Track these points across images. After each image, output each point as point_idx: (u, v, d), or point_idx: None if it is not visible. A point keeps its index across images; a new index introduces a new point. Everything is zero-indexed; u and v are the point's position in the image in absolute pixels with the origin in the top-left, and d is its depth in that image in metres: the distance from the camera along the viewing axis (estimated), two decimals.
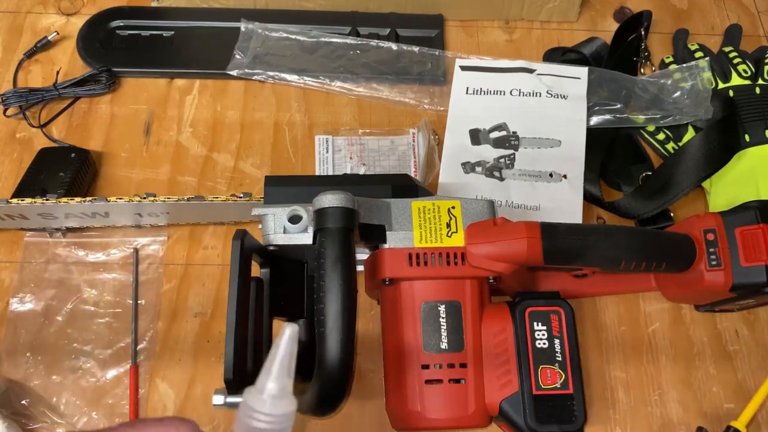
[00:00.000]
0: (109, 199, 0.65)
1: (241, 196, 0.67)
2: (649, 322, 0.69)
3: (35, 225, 0.68)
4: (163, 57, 0.82)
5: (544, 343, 0.56)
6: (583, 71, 0.78)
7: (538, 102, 0.76)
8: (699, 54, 0.81)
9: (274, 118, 0.79)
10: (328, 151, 0.75)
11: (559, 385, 0.55)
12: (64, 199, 0.65)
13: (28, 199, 0.64)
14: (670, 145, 0.77)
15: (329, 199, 0.51)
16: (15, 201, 0.64)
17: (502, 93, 0.77)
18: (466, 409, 0.54)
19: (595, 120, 0.76)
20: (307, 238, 0.55)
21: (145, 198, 0.65)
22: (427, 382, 0.54)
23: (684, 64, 0.79)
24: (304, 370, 0.50)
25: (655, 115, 0.76)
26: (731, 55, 0.80)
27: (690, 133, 0.76)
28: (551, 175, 0.73)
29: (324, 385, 0.48)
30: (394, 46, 0.82)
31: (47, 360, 0.65)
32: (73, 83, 0.77)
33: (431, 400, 0.54)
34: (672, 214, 0.73)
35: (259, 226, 0.56)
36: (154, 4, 0.85)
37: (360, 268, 0.60)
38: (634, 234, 0.60)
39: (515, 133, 0.75)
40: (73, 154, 0.71)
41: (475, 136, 0.75)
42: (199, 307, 0.68)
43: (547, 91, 0.77)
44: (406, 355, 0.55)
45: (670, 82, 0.78)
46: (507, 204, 0.71)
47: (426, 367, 0.55)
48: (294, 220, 0.55)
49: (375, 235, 0.56)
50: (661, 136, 0.77)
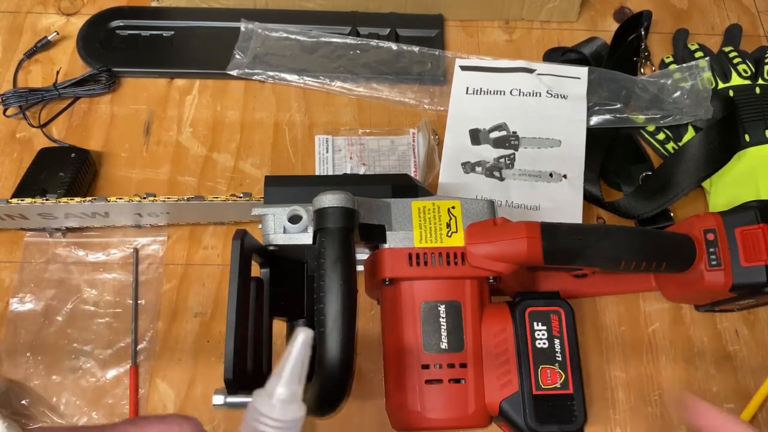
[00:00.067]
0: (109, 199, 0.65)
1: (241, 196, 0.67)
2: (649, 322, 0.69)
3: (35, 225, 0.68)
4: (163, 57, 0.82)
5: (544, 343, 0.56)
6: (583, 71, 0.78)
7: (538, 102, 0.76)
8: (699, 54, 0.81)
9: (274, 118, 0.79)
10: (328, 151, 0.75)
11: (559, 385, 0.55)
12: (64, 199, 0.65)
13: (28, 199, 0.64)
14: (670, 145, 0.77)
15: (329, 199, 0.51)
16: (15, 201, 0.64)
17: (502, 93, 0.77)
18: (466, 409, 0.54)
19: (595, 120, 0.76)
20: (307, 238, 0.55)
21: (145, 198, 0.65)
22: (427, 382, 0.54)
23: (684, 64, 0.79)
24: None
25: (655, 115, 0.76)
26: (731, 55, 0.80)
27: (690, 133, 0.76)
28: (551, 175, 0.73)
29: (324, 385, 0.48)
30: (394, 46, 0.82)
31: (47, 360, 0.65)
32: (73, 83, 0.77)
33: (431, 400, 0.54)
34: (672, 214, 0.73)
35: (259, 226, 0.56)
36: (154, 4, 0.85)
37: (360, 268, 0.60)
38: (634, 234, 0.60)
39: (515, 133, 0.75)
40: (73, 154, 0.71)
41: (475, 136, 0.75)
42: (199, 307, 0.68)
43: (547, 91, 0.77)
44: (406, 355, 0.55)
45: (670, 82, 0.78)
46: (507, 204, 0.71)
47: (426, 367, 0.54)
48: (294, 220, 0.55)
49: (375, 235, 0.56)
50: (661, 136, 0.77)
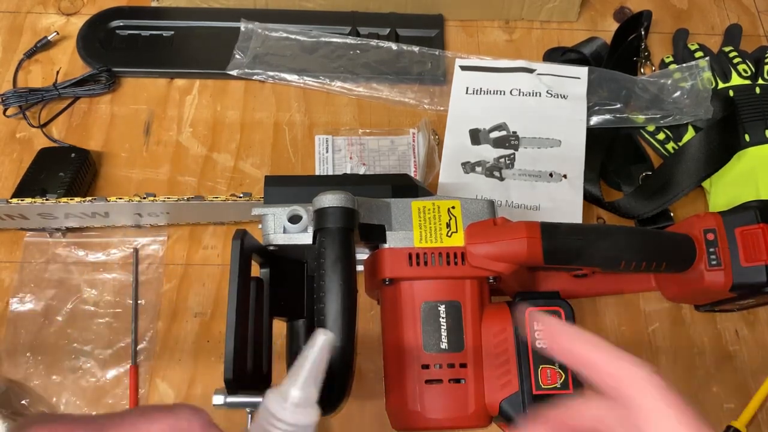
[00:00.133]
0: (109, 199, 0.65)
1: (241, 196, 0.67)
2: (649, 322, 0.69)
3: (35, 225, 0.68)
4: (163, 57, 0.82)
5: (544, 343, 0.56)
6: (583, 71, 0.78)
7: (538, 102, 0.76)
8: (699, 54, 0.81)
9: (274, 118, 0.79)
10: (328, 151, 0.75)
11: (559, 385, 0.55)
12: (64, 199, 0.65)
13: (28, 199, 0.64)
14: (670, 145, 0.77)
15: (329, 199, 0.51)
16: (15, 201, 0.64)
17: (502, 93, 0.77)
18: (466, 409, 0.54)
19: (595, 120, 0.76)
20: (307, 238, 0.55)
21: (145, 198, 0.65)
22: (427, 382, 0.54)
23: (684, 64, 0.79)
24: None
25: (655, 115, 0.76)
26: (731, 54, 0.80)
27: (690, 133, 0.76)
28: (551, 175, 0.73)
29: (324, 384, 0.48)
30: (394, 46, 0.82)
31: (47, 360, 0.65)
32: (73, 83, 0.77)
33: (431, 400, 0.54)
34: (672, 214, 0.73)
35: (259, 226, 0.56)
36: (154, 4, 0.85)
37: (360, 268, 0.60)
38: (634, 234, 0.60)
39: (515, 133, 0.75)
40: (73, 154, 0.71)
41: (475, 136, 0.75)
42: (199, 307, 0.68)
43: (547, 91, 0.77)
44: (406, 355, 0.55)
45: (670, 81, 0.78)
46: (507, 204, 0.71)
47: (426, 367, 0.54)
48: (294, 220, 0.55)
49: (375, 235, 0.56)
50: (661, 136, 0.77)
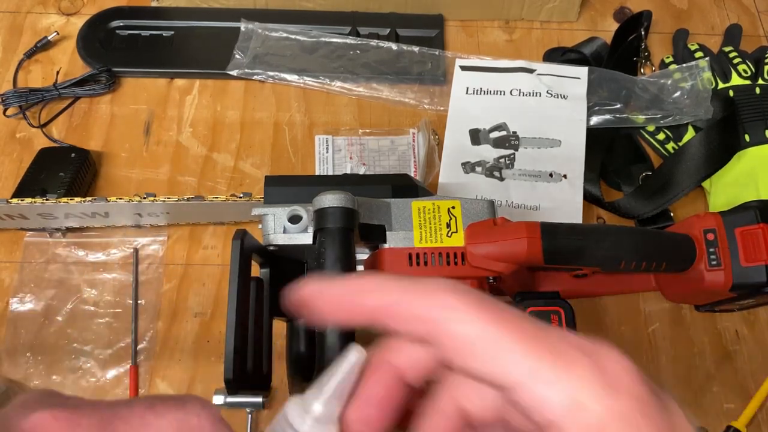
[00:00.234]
0: (109, 199, 0.65)
1: (241, 196, 0.67)
2: (649, 322, 0.69)
3: (35, 225, 0.68)
4: (163, 57, 0.82)
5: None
6: (583, 71, 0.78)
7: (538, 102, 0.76)
8: (699, 54, 0.81)
9: (274, 118, 0.79)
10: (328, 151, 0.75)
11: None
12: (64, 199, 0.65)
13: (28, 199, 0.64)
14: (670, 145, 0.77)
15: (329, 199, 0.51)
16: (15, 201, 0.64)
17: (502, 93, 0.77)
18: None
19: (595, 120, 0.76)
20: (307, 238, 0.55)
21: (145, 198, 0.65)
22: None
23: (684, 64, 0.79)
24: (304, 370, 0.50)
25: (655, 115, 0.76)
26: (731, 55, 0.80)
27: (690, 133, 0.76)
28: (551, 175, 0.73)
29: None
30: (394, 46, 0.82)
31: (47, 360, 0.65)
32: (73, 83, 0.77)
33: None
34: (672, 214, 0.73)
35: (259, 226, 0.56)
36: (154, 4, 0.85)
37: (360, 268, 0.60)
38: (634, 234, 0.60)
39: (515, 133, 0.75)
40: (73, 154, 0.71)
41: (475, 136, 0.75)
42: (199, 307, 0.68)
43: (547, 91, 0.77)
44: None
45: (670, 82, 0.78)
46: (507, 204, 0.71)
47: None
48: (294, 220, 0.55)
49: (375, 235, 0.56)
50: (661, 136, 0.77)
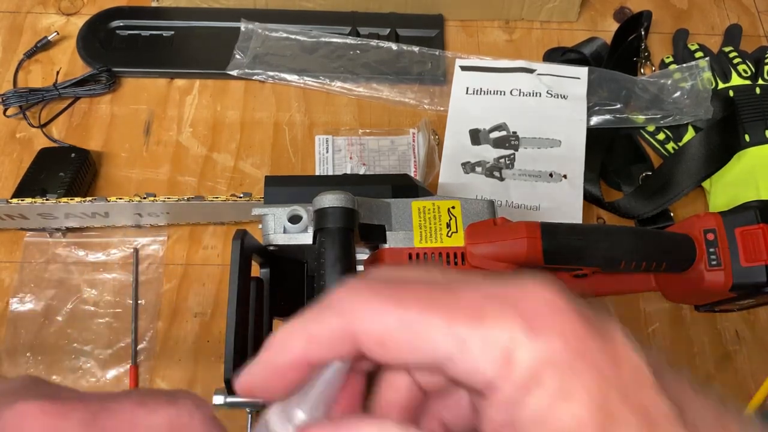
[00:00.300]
0: (109, 199, 0.65)
1: (241, 196, 0.67)
2: (649, 322, 0.69)
3: (35, 225, 0.68)
4: (163, 57, 0.82)
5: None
6: (583, 71, 0.78)
7: (538, 102, 0.76)
8: (699, 54, 0.81)
9: (274, 118, 0.79)
10: (328, 151, 0.75)
11: None
12: (64, 199, 0.65)
13: (28, 199, 0.64)
14: (670, 145, 0.77)
15: (329, 199, 0.51)
16: (15, 201, 0.64)
17: (502, 93, 0.77)
18: None
19: (595, 120, 0.76)
20: (307, 238, 0.55)
21: (145, 198, 0.65)
22: None
23: (684, 64, 0.79)
24: None
25: (655, 115, 0.76)
26: (731, 55, 0.80)
27: (690, 133, 0.76)
28: (551, 175, 0.73)
29: None
30: (394, 46, 0.82)
31: (47, 360, 0.65)
32: (73, 83, 0.77)
33: None
34: (672, 214, 0.73)
35: (259, 226, 0.56)
36: (154, 4, 0.85)
37: (360, 268, 0.60)
38: (634, 234, 0.60)
39: (515, 133, 0.75)
40: (73, 154, 0.71)
41: (475, 136, 0.75)
42: (199, 307, 0.68)
43: (547, 91, 0.77)
44: None
45: (670, 82, 0.78)
46: (507, 204, 0.71)
47: None
48: (294, 220, 0.55)
49: (375, 235, 0.56)
50: (661, 136, 0.77)
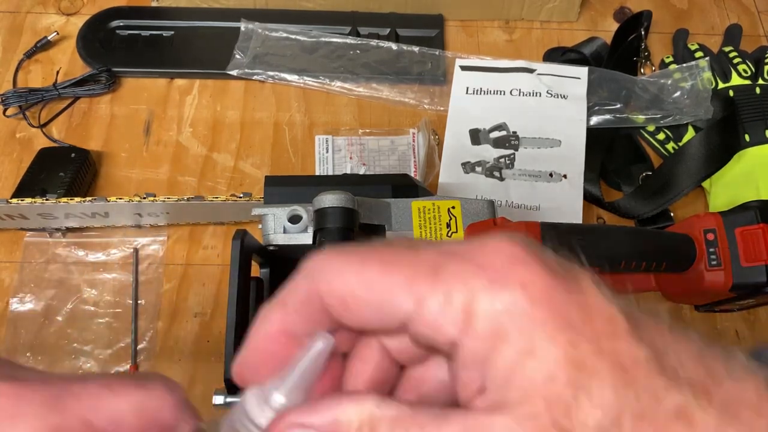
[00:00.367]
0: (109, 199, 0.65)
1: (241, 196, 0.67)
2: None
3: (35, 225, 0.68)
4: (163, 57, 0.82)
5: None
6: (583, 71, 0.78)
7: (538, 102, 0.76)
8: (699, 54, 0.81)
9: (274, 118, 0.79)
10: (328, 151, 0.75)
11: None
12: (64, 199, 0.65)
13: (28, 199, 0.64)
14: (670, 145, 0.77)
15: (329, 199, 0.51)
16: (15, 201, 0.64)
17: (502, 93, 0.77)
18: None
19: (595, 120, 0.76)
20: (307, 238, 0.55)
21: (144, 198, 0.65)
22: None
23: (684, 64, 0.79)
24: None
25: (655, 115, 0.76)
26: (731, 54, 0.80)
27: (690, 133, 0.76)
28: (551, 175, 0.73)
29: None
30: (394, 46, 0.82)
31: (47, 360, 0.65)
32: (72, 83, 0.77)
33: None
34: (672, 214, 0.73)
35: (259, 226, 0.56)
36: (154, 4, 0.85)
37: None
38: (634, 234, 0.60)
39: (515, 133, 0.75)
40: (73, 154, 0.71)
41: (475, 136, 0.75)
42: (199, 307, 0.68)
43: (547, 91, 0.77)
44: None
45: (670, 82, 0.78)
46: (507, 204, 0.71)
47: None
48: (294, 220, 0.55)
49: (375, 235, 0.56)
50: (661, 136, 0.77)
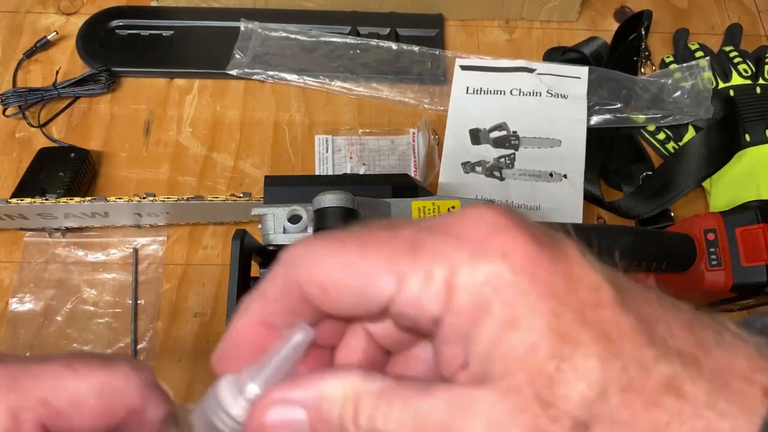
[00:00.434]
0: (108, 199, 0.65)
1: (241, 196, 0.67)
2: None
3: (35, 225, 0.68)
4: (163, 57, 0.82)
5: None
6: (583, 71, 0.78)
7: (538, 102, 0.76)
8: (699, 53, 0.81)
9: (273, 118, 0.79)
10: (328, 151, 0.75)
11: None
12: (64, 199, 0.65)
13: (28, 199, 0.64)
14: (671, 145, 0.77)
15: (329, 199, 0.51)
16: (14, 201, 0.64)
17: (502, 93, 0.77)
18: None
19: (595, 120, 0.76)
20: None
21: (144, 198, 0.65)
22: None
23: (684, 64, 0.79)
24: None
25: (656, 115, 0.76)
26: (732, 54, 0.80)
27: (690, 133, 0.76)
28: (551, 174, 0.73)
29: None
30: (394, 46, 0.82)
31: None
32: (72, 83, 0.77)
33: None
34: (672, 214, 0.73)
35: (259, 226, 0.56)
36: (154, 4, 0.85)
37: None
38: (634, 234, 0.60)
39: (515, 133, 0.75)
40: (72, 154, 0.71)
41: (475, 136, 0.75)
42: (199, 307, 0.68)
43: (547, 91, 0.77)
44: None
45: (670, 81, 0.78)
46: (507, 204, 0.71)
47: None
48: (294, 219, 0.55)
49: None
50: (661, 136, 0.77)
